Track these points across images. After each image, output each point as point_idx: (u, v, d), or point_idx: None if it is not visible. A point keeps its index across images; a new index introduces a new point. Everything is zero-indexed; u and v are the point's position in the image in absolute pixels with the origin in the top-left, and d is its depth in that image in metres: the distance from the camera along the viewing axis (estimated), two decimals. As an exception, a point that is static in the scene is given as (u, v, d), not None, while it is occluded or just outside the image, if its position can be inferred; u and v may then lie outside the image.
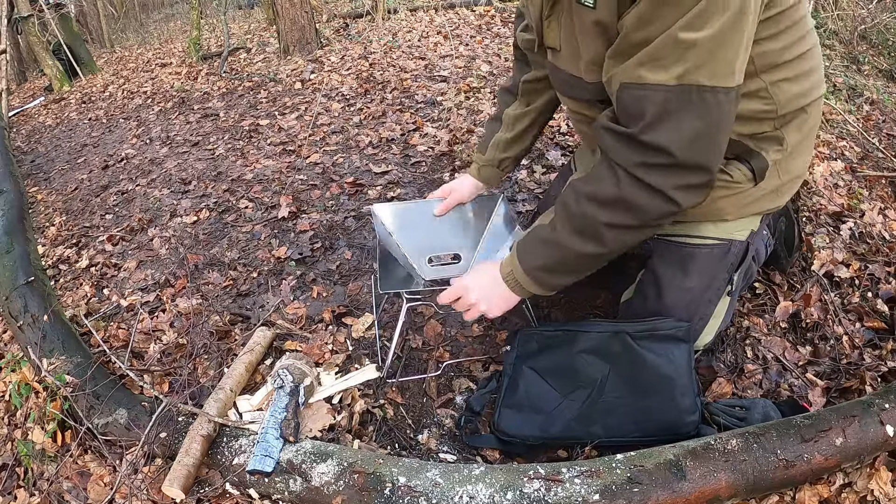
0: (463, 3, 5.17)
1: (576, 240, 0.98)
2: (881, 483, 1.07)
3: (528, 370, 1.21)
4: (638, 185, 0.89)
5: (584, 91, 1.05)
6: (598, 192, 0.94)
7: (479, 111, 2.81)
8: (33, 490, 1.31)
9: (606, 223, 0.94)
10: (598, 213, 0.94)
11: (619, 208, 0.93)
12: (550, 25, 1.04)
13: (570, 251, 0.99)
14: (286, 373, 1.27)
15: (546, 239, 1.02)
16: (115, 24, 9.82)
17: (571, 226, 0.98)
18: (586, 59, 0.98)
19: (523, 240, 1.07)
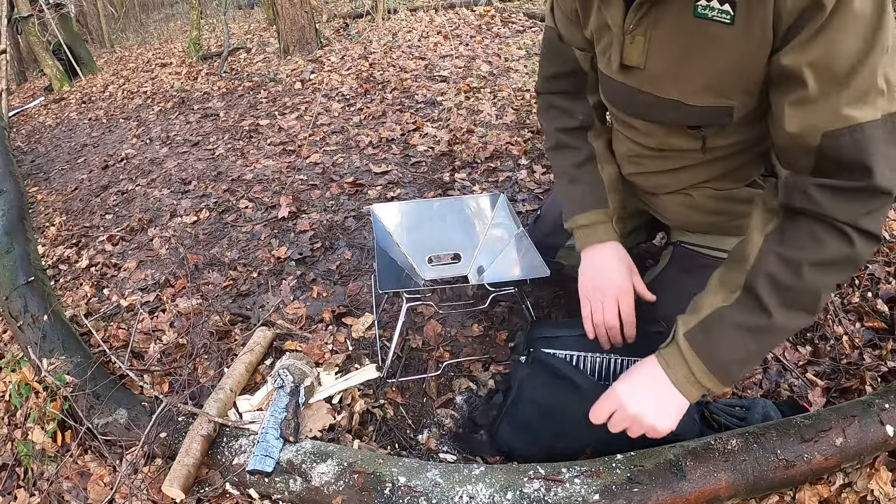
0: (463, 3, 5.17)
1: (794, 317, 0.82)
2: (881, 483, 1.07)
3: (532, 401, 1.16)
4: (866, 236, 0.78)
5: (676, 115, 0.93)
6: (827, 257, 0.78)
7: (479, 111, 2.81)
8: (33, 490, 1.31)
9: (829, 286, 0.81)
10: (826, 279, 0.80)
11: (846, 267, 0.81)
12: (635, 40, 0.90)
13: (786, 332, 0.85)
14: (286, 373, 1.27)
15: (748, 327, 0.83)
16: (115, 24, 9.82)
17: (795, 303, 0.82)
18: (700, 82, 0.86)
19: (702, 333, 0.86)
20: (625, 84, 0.97)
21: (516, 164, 2.30)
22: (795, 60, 0.74)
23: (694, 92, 0.88)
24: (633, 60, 0.92)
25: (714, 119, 0.90)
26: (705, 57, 0.83)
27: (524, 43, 3.93)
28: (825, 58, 0.72)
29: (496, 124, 2.66)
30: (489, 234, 1.50)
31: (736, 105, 0.87)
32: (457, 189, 2.18)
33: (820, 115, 0.74)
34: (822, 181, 0.77)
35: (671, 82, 0.90)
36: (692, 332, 0.87)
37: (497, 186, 2.17)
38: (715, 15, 0.79)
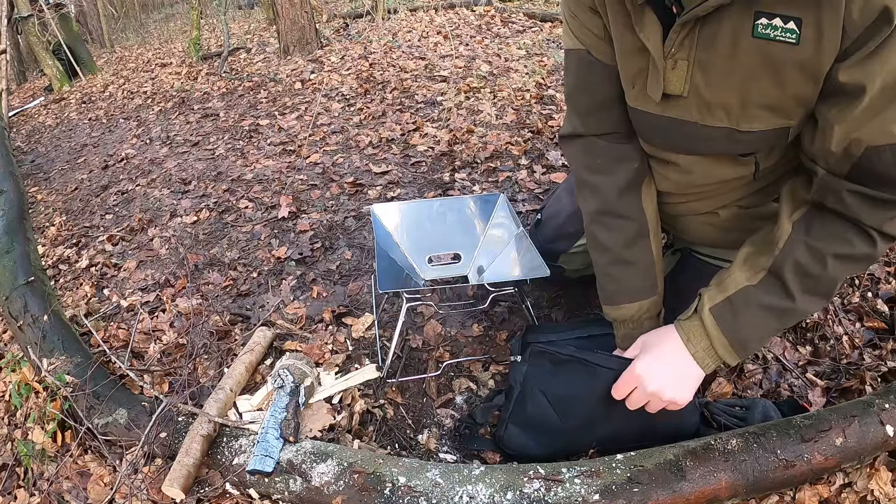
0: (463, 3, 5.17)
1: (812, 302, 0.87)
2: (881, 483, 1.07)
3: (539, 392, 1.15)
4: (887, 238, 0.82)
5: (727, 144, 0.86)
6: (852, 252, 0.82)
7: (479, 111, 2.81)
8: (33, 490, 1.31)
9: (845, 277, 0.87)
10: (846, 271, 0.85)
11: (865, 263, 0.86)
12: (677, 65, 0.82)
13: (804, 314, 0.89)
14: (286, 373, 1.27)
15: (774, 308, 0.86)
16: (115, 24, 9.82)
17: (816, 290, 0.85)
18: (759, 106, 0.80)
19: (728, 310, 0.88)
20: (663, 115, 0.89)
21: (516, 164, 2.30)
22: (854, 74, 0.71)
23: (750, 118, 0.82)
24: (675, 88, 0.84)
25: (770, 143, 0.86)
26: (767, 80, 0.77)
27: (524, 43, 3.93)
28: (883, 74, 0.70)
29: (496, 124, 2.66)
30: (489, 234, 1.50)
31: (794, 124, 0.82)
32: (457, 189, 2.18)
33: (867, 130, 0.74)
34: (857, 188, 0.78)
35: (722, 109, 0.83)
36: (718, 308, 0.88)
37: (497, 186, 2.17)
38: (778, 35, 0.73)
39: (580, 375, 1.09)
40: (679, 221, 1.13)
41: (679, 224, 1.15)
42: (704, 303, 0.91)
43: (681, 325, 0.92)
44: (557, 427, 1.14)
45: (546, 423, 1.15)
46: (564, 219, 1.38)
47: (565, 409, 1.14)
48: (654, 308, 1.06)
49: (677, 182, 1.01)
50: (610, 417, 1.10)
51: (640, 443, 1.09)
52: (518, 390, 1.17)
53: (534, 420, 1.16)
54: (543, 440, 1.15)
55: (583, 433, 1.14)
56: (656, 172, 1.03)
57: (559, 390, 1.13)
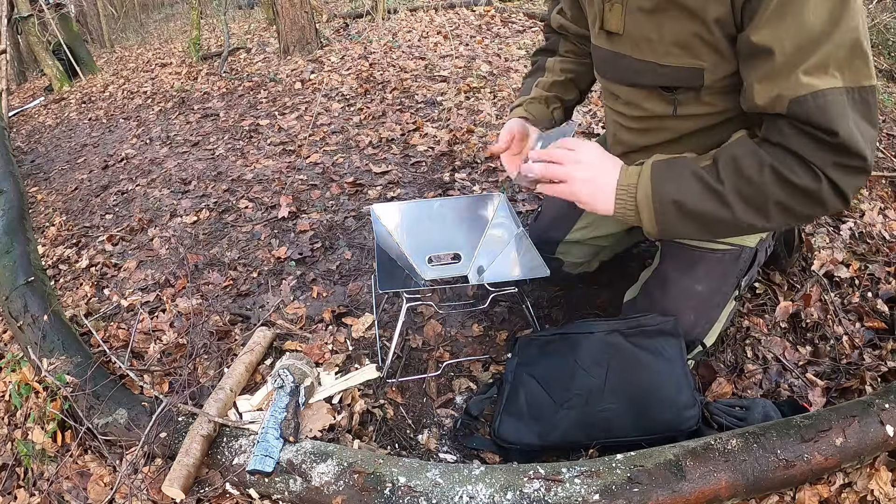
0: (463, 3, 5.17)
1: (739, 203, 0.89)
2: (881, 483, 1.07)
3: (528, 377, 1.20)
4: (832, 185, 0.85)
5: (653, 77, 1.00)
6: (792, 177, 0.85)
7: (479, 111, 2.81)
8: (33, 490, 1.31)
9: (782, 204, 0.88)
10: (780, 194, 0.87)
11: (808, 200, 0.87)
12: (613, 8, 1.00)
13: (724, 209, 0.90)
14: (286, 373, 1.27)
15: (702, 179, 0.91)
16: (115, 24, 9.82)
17: (741, 189, 0.89)
18: (669, 41, 0.94)
19: (666, 164, 0.94)
20: (608, 49, 1.07)
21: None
22: (762, 35, 0.81)
23: (665, 52, 0.96)
24: (613, 26, 1.02)
25: (686, 80, 0.96)
26: (672, 19, 0.91)
27: (524, 43, 3.93)
28: (789, 32, 0.79)
29: (496, 124, 2.66)
30: (489, 234, 1.50)
31: (707, 66, 0.93)
32: (457, 189, 2.18)
33: (785, 85, 0.82)
34: (795, 127, 0.84)
35: (646, 44, 0.98)
36: (658, 163, 0.95)
37: (497, 186, 2.17)
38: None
39: (563, 349, 1.20)
40: None
41: None
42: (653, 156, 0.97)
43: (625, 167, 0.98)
44: (551, 410, 1.16)
45: (540, 407, 1.17)
46: (559, 206, 1.43)
47: (556, 386, 1.16)
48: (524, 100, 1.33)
49: (621, 114, 1.15)
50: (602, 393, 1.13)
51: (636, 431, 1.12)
52: (510, 381, 1.21)
53: (527, 407, 1.17)
54: (538, 428, 1.16)
55: (577, 413, 1.15)
56: (610, 108, 1.20)
57: (548, 369, 1.19)
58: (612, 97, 1.16)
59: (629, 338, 1.16)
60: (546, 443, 1.16)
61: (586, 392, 1.14)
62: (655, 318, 1.16)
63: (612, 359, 1.15)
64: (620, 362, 1.15)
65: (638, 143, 1.14)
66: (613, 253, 1.52)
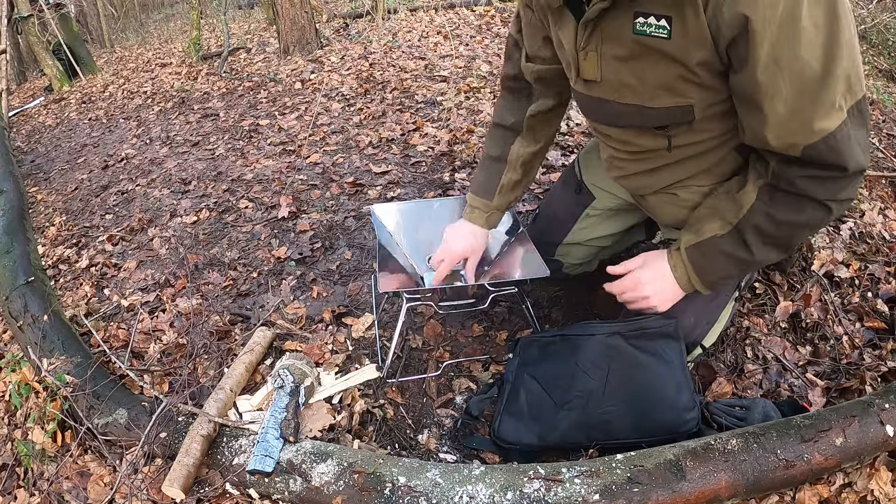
0: (463, 3, 5.17)
1: (770, 253, 1.01)
2: (881, 483, 1.07)
3: (529, 378, 1.20)
4: (842, 203, 0.93)
5: (640, 119, 1.01)
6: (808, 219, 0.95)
7: (479, 111, 2.81)
8: (33, 490, 1.31)
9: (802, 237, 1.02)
10: (800, 234, 1.00)
11: (822, 224, 0.99)
12: (588, 57, 0.98)
13: (760, 263, 1.06)
14: (286, 373, 1.27)
15: (735, 256, 1.02)
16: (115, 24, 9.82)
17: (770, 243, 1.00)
18: (654, 87, 0.94)
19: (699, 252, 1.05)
20: (589, 95, 1.06)
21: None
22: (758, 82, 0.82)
23: (651, 96, 0.96)
24: (590, 74, 1.01)
25: (677, 118, 0.97)
26: (653, 66, 0.91)
27: (524, 43, 3.93)
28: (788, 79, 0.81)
29: (496, 124, 2.65)
30: (489, 234, 1.50)
31: (695, 102, 0.94)
32: (457, 189, 2.18)
33: (797, 133, 0.85)
34: (807, 173, 0.89)
35: (628, 90, 0.98)
36: (691, 250, 1.06)
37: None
38: (653, 31, 0.87)
39: (564, 350, 1.20)
40: (648, 203, 1.23)
41: (649, 206, 1.24)
42: (682, 241, 1.08)
43: (670, 255, 1.10)
44: (551, 411, 1.16)
45: (540, 408, 1.16)
46: (557, 208, 1.44)
47: (557, 387, 1.17)
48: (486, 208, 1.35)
49: (615, 149, 1.16)
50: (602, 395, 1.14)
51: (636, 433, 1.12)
52: (511, 381, 1.21)
53: (528, 407, 1.17)
54: (538, 428, 1.16)
55: (577, 415, 1.14)
56: (602, 142, 1.21)
57: (548, 370, 1.19)
58: (603, 135, 1.16)
59: (630, 340, 1.16)
60: (546, 443, 1.15)
61: (587, 393, 1.14)
62: (657, 320, 1.16)
63: (613, 361, 1.15)
64: (621, 364, 1.15)
65: (635, 169, 1.16)
66: (613, 253, 1.53)
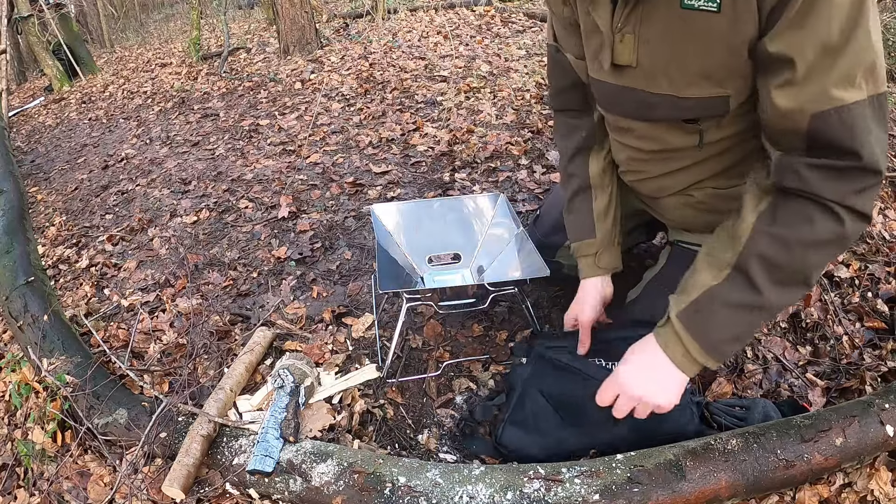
0: (463, 3, 5.17)
1: (786, 293, 0.85)
2: (881, 483, 1.07)
3: (538, 393, 1.17)
4: (856, 215, 0.80)
5: (672, 110, 0.93)
6: (817, 237, 0.81)
7: (479, 111, 2.80)
8: (33, 490, 1.31)
9: (819, 264, 0.84)
10: (816, 257, 0.83)
11: (837, 246, 0.83)
12: (624, 39, 0.90)
13: (776, 308, 0.87)
14: (286, 373, 1.27)
15: (742, 304, 0.85)
16: (115, 24, 9.82)
17: (786, 280, 0.84)
18: (694, 73, 0.86)
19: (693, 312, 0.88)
20: (617, 84, 0.98)
21: (516, 164, 2.30)
22: (781, 44, 0.75)
23: (688, 84, 0.88)
24: (624, 59, 0.92)
25: (711, 110, 0.91)
26: (697, 47, 0.84)
27: (524, 43, 3.93)
28: (810, 40, 0.73)
29: (496, 124, 2.66)
30: (489, 234, 1.50)
31: (731, 93, 0.87)
32: (457, 189, 2.18)
33: (808, 97, 0.76)
34: (813, 161, 0.79)
35: (664, 77, 0.90)
36: (684, 313, 0.89)
37: (497, 186, 2.17)
38: (701, 5, 0.80)
39: (576, 383, 1.14)
40: (661, 205, 1.18)
41: (661, 207, 1.19)
42: (672, 308, 0.91)
43: (658, 333, 0.93)
44: (557, 427, 1.14)
45: (547, 423, 1.15)
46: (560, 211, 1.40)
47: (566, 409, 1.14)
48: (592, 248, 1.21)
49: (636, 149, 1.08)
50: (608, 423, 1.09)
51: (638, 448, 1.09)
52: (519, 391, 1.18)
53: (533, 420, 1.16)
54: (543, 442, 1.15)
55: (582, 436, 1.14)
56: (617, 142, 1.12)
57: (558, 393, 1.15)
58: (622, 130, 1.08)
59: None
60: (546, 453, 1.14)
61: (595, 422, 1.12)
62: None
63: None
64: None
65: (656, 171, 1.10)
66: None
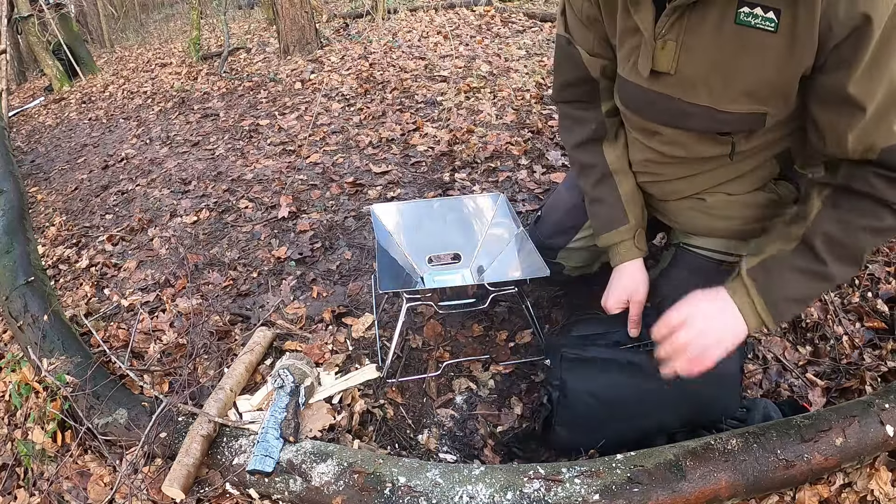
0: (463, 3, 5.17)
1: (844, 268, 0.92)
2: (881, 483, 1.07)
3: (583, 392, 1.15)
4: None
5: (707, 122, 0.94)
6: (880, 226, 0.88)
7: (479, 111, 2.80)
8: (33, 490, 1.31)
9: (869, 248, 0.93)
10: (872, 241, 0.91)
11: (891, 233, 0.93)
12: (666, 45, 0.89)
13: (834, 279, 0.93)
14: (286, 373, 1.27)
15: (808, 270, 0.91)
16: (115, 24, 9.83)
17: (844, 257, 0.90)
18: (738, 90, 0.87)
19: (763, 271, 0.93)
20: (651, 90, 0.96)
21: (516, 164, 2.30)
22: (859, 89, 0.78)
23: (730, 99, 0.89)
24: (663, 66, 0.91)
25: (746, 126, 0.92)
26: (746, 65, 0.84)
27: (524, 43, 3.93)
28: (883, 84, 0.76)
29: (496, 124, 2.66)
30: (489, 234, 1.50)
31: (770, 111, 0.89)
32: (457, 189, 2.18)
33: (878, 135, 0.80)
34: (883, 171, 0.84)
35: (704, 89, 0.90)
36: (754, 270, 0.93)
37: (497, 186, 2.17)
38: (758, 23, 0.79)
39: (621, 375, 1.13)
40: (668, 207, 1.18)
41: (669, 210, 1.18)
42: (742, 266, 0.95)
43: (728, 285, 0.95)
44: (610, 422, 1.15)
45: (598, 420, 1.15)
46: (563, 213, 1.39)
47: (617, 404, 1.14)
48: (629, 232, 1.17)
49: (659, 153, 1.07)
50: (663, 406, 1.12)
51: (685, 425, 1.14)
52: (558, 393, 1.16)
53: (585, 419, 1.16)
54: (597, 435, 1.16)
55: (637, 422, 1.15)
56: (642, 143, 1.10)
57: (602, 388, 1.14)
58: (647, 133, 1.07)
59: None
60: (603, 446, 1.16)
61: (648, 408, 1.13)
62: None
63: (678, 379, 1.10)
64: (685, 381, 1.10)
65: (676, 174, 1.10)
66: None
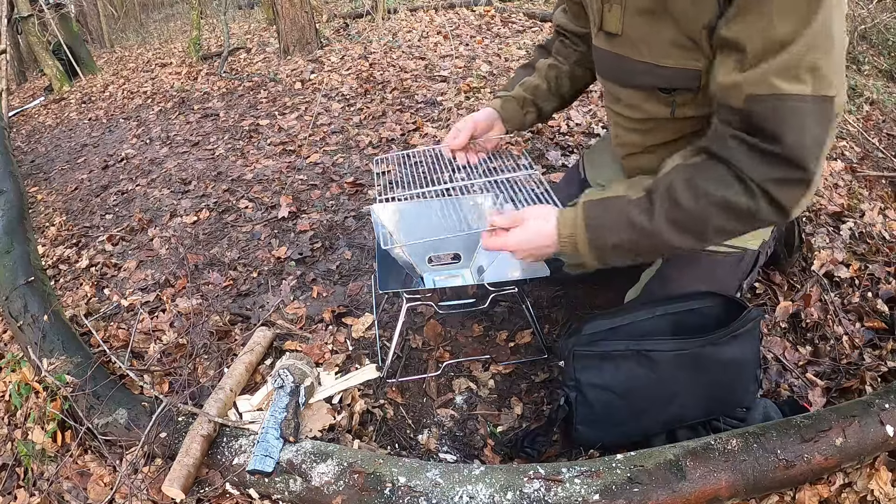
0: (463, 3, 5.17)
1: (674, 233, 0.90)
2: (881, 483, 1.07)
3: (599, 388, 1.14)
4: (772, 203, 0.84)
5: (651, 78, 0.99)
6: (729, 200, 0.85)
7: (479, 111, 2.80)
8: (33, 490, 1.31)
9: (719, 227, 0.89)
10: (717, 217, 0.87)
11: (744, 219, 0.87)
12: (612, 9, 1.00)
13: (660, 241, 0.92)
14: (286, 373, 1.27)
15: (635, 223, 0.92)
16: (115, 24, 9.83)
17: (676, 219, 0.89)
18: (666, 42, 0.93)
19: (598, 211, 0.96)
20: (608, 51, 1.07)
21: (516, 164, 2.30)
22: (733, 30, 0.81)
23: (664, 53, 0.95)
24: (612, 27, 1.02)
25: (684, 82, 0.96)
26: (667, 18, 0.91)
27: (524, 43, 3.93)
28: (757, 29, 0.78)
29: (496, 124, 2.65)
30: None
31: (702, 68, 0.92)
32: (457, 189, 2.17)
33: (748, 78, 0.81)
34: (740, 133, 0.84)
35: (645, 46, 0.98)
36: (592, 205, 0.97)
37: (497, 186, 2.17)
38: None
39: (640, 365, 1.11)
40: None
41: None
42: (585, 195, 1.00)
43: (561, 212, 1.01)
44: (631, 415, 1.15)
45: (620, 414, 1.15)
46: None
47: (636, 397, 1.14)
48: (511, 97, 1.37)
49: (622, 117, 1.14)
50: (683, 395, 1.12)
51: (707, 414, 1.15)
52: (575, 394, 1.16)
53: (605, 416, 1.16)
54: (620, 430, 1.16)
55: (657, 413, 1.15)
56: (610, 110, 1.19)
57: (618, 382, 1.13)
58: (614, 99, 1.16)
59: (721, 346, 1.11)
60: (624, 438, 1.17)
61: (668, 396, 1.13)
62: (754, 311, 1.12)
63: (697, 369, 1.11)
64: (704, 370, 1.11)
65: (640, 143, 1.15)
66: None
